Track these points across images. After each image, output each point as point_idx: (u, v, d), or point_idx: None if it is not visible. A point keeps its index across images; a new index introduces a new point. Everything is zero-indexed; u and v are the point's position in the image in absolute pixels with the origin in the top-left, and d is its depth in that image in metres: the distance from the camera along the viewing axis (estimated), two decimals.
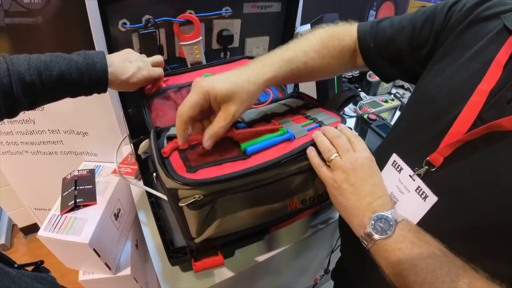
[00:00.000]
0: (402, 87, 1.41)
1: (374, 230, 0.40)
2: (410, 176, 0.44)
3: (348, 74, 1.36)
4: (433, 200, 0.41)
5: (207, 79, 0.45)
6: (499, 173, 0.35)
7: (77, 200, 0.79)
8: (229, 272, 0.66)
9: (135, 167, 0.86)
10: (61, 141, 0.97)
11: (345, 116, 1.11)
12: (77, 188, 0.83)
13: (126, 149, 0.95)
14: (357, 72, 1.35)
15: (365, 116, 1.00)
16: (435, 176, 0.41)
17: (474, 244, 0.38)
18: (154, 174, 0.56)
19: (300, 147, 0.49)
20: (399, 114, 0.54)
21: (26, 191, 1.19)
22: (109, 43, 0.66)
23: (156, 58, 0.65)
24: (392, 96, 1.24)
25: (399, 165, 0.46)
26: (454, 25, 0.45)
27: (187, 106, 0.44)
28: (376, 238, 0.39)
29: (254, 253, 0.69)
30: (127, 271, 0.87)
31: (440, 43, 0.47)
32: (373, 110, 1.12)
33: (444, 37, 0.46)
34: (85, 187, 0.84)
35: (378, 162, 0.47)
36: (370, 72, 1.26)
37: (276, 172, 0.47)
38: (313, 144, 0.49)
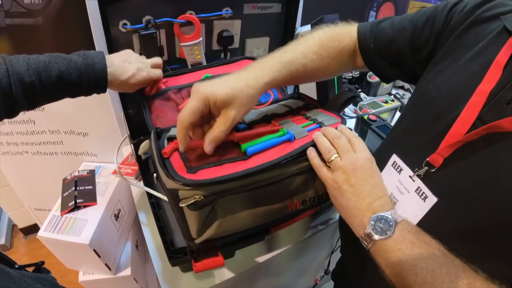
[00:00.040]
0: (402, 88, 1.41)
1: (374, 231, 0.40)
2: (410, 177, 0.44)
3: (348, 75, 1.36)
4: (433, 201, 0.41)
5: (206, 84, 0.45)
6: (499, 174, 0.35)
7: (77, 201, 0.79)
8: (229, 273, 0.66)
9: (136, 168, 0.86)
10: (61, 142, 0.97)
11: (345, 117, 1.12)
12: (77, 189, 0.83)
13: (126, 150, 0.95)
14: (357, 73, 1.35)
15: (365, 117, 1.01)
16: (435, 177, 0.41)
17: (474, 245, 0.38)
18: (155, 175, 0.56)
19: (301, 148, 0.49)
20: (400, 115, 0.54)
21: (26, 192, 1.19)
22: (110, 44, 0.67)
23: (155, 60, 0.65)
24: (392, 97, 1.24)
25: (399, 166, 0.46)
26: (455, 26, 0.45)
27: (187, 113, 0.44)
28: (376, 239, 0.39)
29: (254, 254, 0.69)
30: (127, 272, 0.87)
31: (441, 44, 0.47)
32: (373, 111, 1.12)
33: (445, 38, 0.46)
34: (85, 188, 0.85)
35: (378, 163, 0.47)
36: (370, 73, 1.26)
37: (277, 173, 0.47)
38: (314, 145, 0.49)
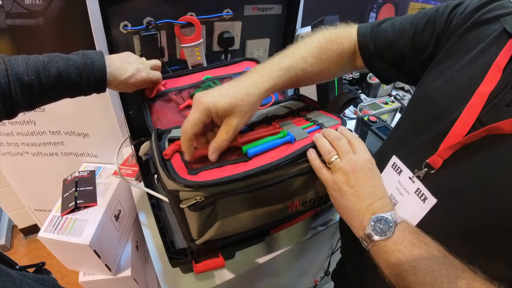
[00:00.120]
0: (402, 89, 1.41)
1: (374, 231, 0.40)
2: (410, 178, 0.44)
3: (349, 76, 1.36)
4: (432, 202, 0.41)
5: (207, 95, 0.45)
6: (498, 176, 0.35)
7: (78, 202, 0.79)
8: (230, 274, 0.66)
9: (136, 169, 0.86)
10: (62, 143, 0.97)
11: (346, 118, 1.11)
12: (78, 190, 0.83)
13: (127, 151, 0.95)
14: (358, 74, 1.35)
15: (365, 118, 1.00)
16: (435, 178, 0.41)
17: (473, 246, 0.38)
18: (156, 176, 0.57)
19: (301, 149, 0.49)
20: (400, 116, 0.54)
21: (27, 192, 1.19)
22: (110, 45, 0.67)
23: (154, 62, 0.65)
24: (392, 98, 1.24)
25: (399, 167, 0.46)
26: (455, 28, 0.45)
27: (190, 124, 0.45)
28: (376, 239, 0.40)
29: (255, 255, 0.69)
30: (128, 272, 0.87)
31: (441, 46, 0.47)
32: (373, 112, 1.12)
33: (445, 40, 0.46)
34: (86, 189, 0.85)
35: (378, 164, 0.47)
36: (371, 74, 1.26)
37: (277, 174, 0.48)
38: (314, 146, 0.49)
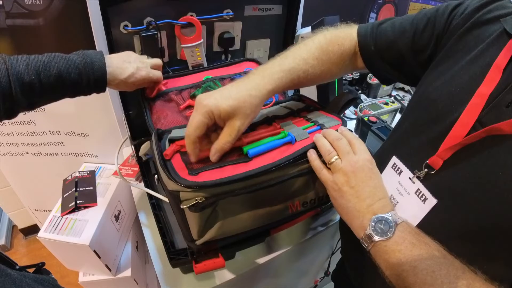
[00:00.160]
0: (403, 90, 1.41)
1: (374, 232, 0.40)
2: (410, 179, 0.44)
3: (349, 76, 1.36)
4: (433, 203, 0.41)
5: (209, 97, 0.45)
6: (498, 176, 0.35)
7: (78, 202, 0.79)
8: (230, 274, 0.66)
9: (136, 169, 0.86)
10: (62, 143, 0.97)
11: (346, 119, 1.11)
12: (78, 190, 0.83)
13: (127, 151, 0.95)
14: (358, 75, 1.35)
15: (366, 119, 1.00)
16: (435, 179, 0.41)
17: (473, 246, 0.38)
18: (156, 176, 0.57)
19: (301, 150, 0.49)
20: (400, 117, 0.54)
21: (27, 192, 1.19)
22: (111, 45, 0.67)
23: (155, 61, 0.65)
24: (393, 99, 1.24)
25: (399, 168, 0.46)
26: (455, 29, 0.45)
27: (193, 127, 0.45)
28: (376, 240, 0.40)
29: (255, 255, 0.69)
30: (128, 273, 0.87)
31: (441, 47, 0.47)
32: (374, 113, 1.12)
33: (445, 41, 0.46)
34: (86, 189, 0.85)
35: (379, 165, 0.47)
36: (371, 75, 1.26)
37: (277, 175, 0.48)
38: (314, 147, 0.49)
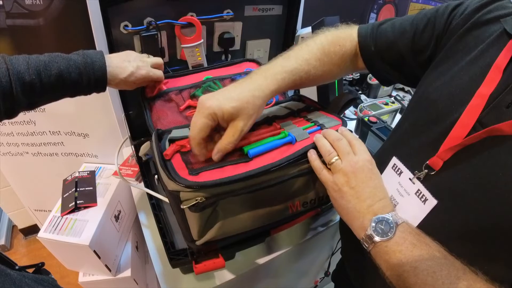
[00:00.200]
0: (403, 90, 1.41)
1: (375, 232, 0.40)
2: (410, 180, 0.44)
3: (349, 77, 1.36)
4: (433, 203, 0.41)
5: (212, 99, 0.45)
6: (499, 177, 0.35)
7: (78, 202, 0.79)
8: (230, 275, 0.66)
9: (136, 169, 0.86)
10: (62, 143, 0.97)
11: (346, 119, 1.11)
12: (78, 190, 0.83)
13: (127, 151, 0.95)
14: (358, 75, 1.35)
15: (366, 119, 1.00)
16: (435, 180, 0.41)
17: (474, 247, 0.38)
18: (156, 176, 0.56)
19: (302, 150, 0.49)
20: (400, 117, 0.54)
21: (27, 192, 1.19)
22: (111, 45, 0.67)
23: (156, 60, 0.65)
24: (393, 99, 1.24)
25: (399, 168, 0.46)
26: (455, 29, 0.45)
27: (197, 130, 0.45)
28: (377, 240, 0.40)
29: (255, 256, 0.69)
30: (127, 273, 0.87)
31: (441, 47, 0.47)
32: (374, 113, 1.12)
33: (445, 41, 0.46)
34: (86, 189, 0.85)
35: (379, 165, 0.47)
36: (371, 75, 1.26)
37: (278, 175, 0.48)
38: (314, 147, 0.49)
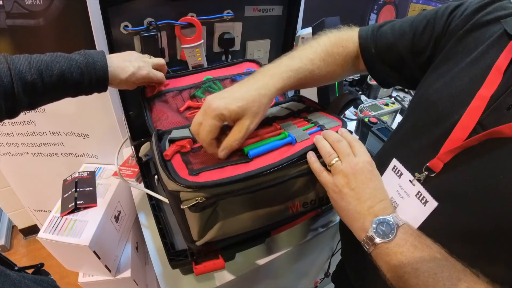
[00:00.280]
0: (403, 90, 1.41)
1: (376, 234, 0.40)
2: (410, 181, 0.44)
3: (349, 77, 1.36)
4: (433, 205, 0.41)
5: (218, 99, 0.46)
6: (499, 180, 0.35)
7: (78, 202, 0.79)
8: (230, 275, 0.66)
9: (136, 170, 0.85)
10: (62, 143, 0.97)
11: (346, 120, 1.11)
12: (78, 190, 0.83)
13: (127, 152, 0.95)
14: (358, 75, 1.35)
15: (366, 120, 1.00)
16: (435, 182, 0.41)
17: (475, 249, 0.38)
18: (156, 177, 0.56)
19: (302, 151, 0.49)
20: (401, 119, 0.54)
21: (26, 192, 1.19)
22: (111, 46, 0.67)
23: (157, 61, 0.65)
24: (393, 99, 1.24)
25: (399, 170, 0.46)
26: (454, 30, 0.45)
27: (206, 132, 0.45)
28: (378, 242, 0.40)
29: (255, 257, 0.69)
30: (127, 274, 0.87)
31: (440, 49, 0.47)
32: (374, 114, 1.12)
33: (444, 43, 0.46)
34: (86, 189, 0.85)
35: (379, 167, 0.47)
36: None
37: (278, 175, 0.47)
38: (314, 148, 0.49)
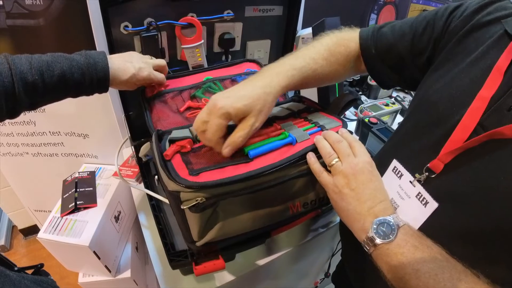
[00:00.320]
0: (403, 91, 1.41)
1: (377, 235, 0.40)
2: (411, 182, 0.44)
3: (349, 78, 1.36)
4: (434, 206, 0.41)
5: (224, 98, 0.46)
6: (500, 181, 0.35)
7: (78, 202, 0.79)
8: (230, 276, 0.66)
9: (136, 170, 0.85)
10: (62, 143, 0.97)
11: (346, 120, 1.11)
12: (78, 190, 0.83)
13: (127, 152, 0.95)
14: (358, 76, 1.35)
15: (366, 120, 1.00)
16: (436, 183, 0.41)
17: (475, 250, 0.38)
18: (156, 177, 0.56)
19: (302, 151, 0.49)
20: (402, 120, 0.54)
21: (27, 193, 1.19)
22: (111, 46, 0.66)
23: (158, 62, 0.64)
24: (393, 100, 1.24)
25: (400, 171, 0.46)
26: (454, 31, 0.45)
27: (213, 131, 0.45)
28: (379, 243, 0.39)
29: (255, 257, 0.69)
30: (127, 274, 0.87)
31: (439, 49, 0.47)
32: (374, 114, 1.12)
33: (444, 43, 0.46)
34: (86, 189, 0.84)
35: (379, 167, 0.47)
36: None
37: (278, 175, 0.47)
38: (314, 148, 0.49)
